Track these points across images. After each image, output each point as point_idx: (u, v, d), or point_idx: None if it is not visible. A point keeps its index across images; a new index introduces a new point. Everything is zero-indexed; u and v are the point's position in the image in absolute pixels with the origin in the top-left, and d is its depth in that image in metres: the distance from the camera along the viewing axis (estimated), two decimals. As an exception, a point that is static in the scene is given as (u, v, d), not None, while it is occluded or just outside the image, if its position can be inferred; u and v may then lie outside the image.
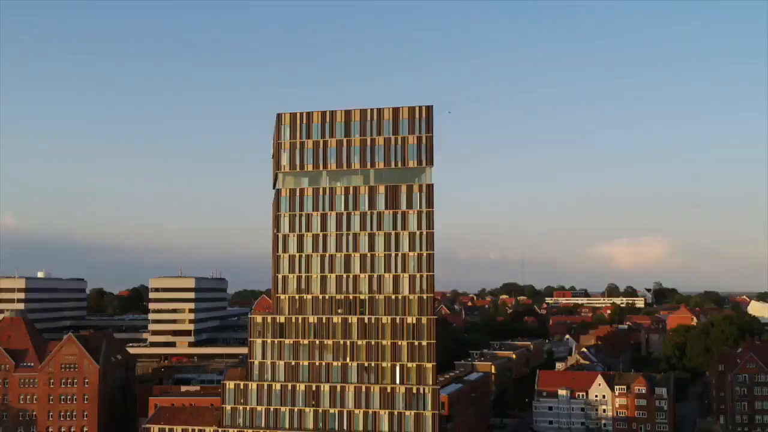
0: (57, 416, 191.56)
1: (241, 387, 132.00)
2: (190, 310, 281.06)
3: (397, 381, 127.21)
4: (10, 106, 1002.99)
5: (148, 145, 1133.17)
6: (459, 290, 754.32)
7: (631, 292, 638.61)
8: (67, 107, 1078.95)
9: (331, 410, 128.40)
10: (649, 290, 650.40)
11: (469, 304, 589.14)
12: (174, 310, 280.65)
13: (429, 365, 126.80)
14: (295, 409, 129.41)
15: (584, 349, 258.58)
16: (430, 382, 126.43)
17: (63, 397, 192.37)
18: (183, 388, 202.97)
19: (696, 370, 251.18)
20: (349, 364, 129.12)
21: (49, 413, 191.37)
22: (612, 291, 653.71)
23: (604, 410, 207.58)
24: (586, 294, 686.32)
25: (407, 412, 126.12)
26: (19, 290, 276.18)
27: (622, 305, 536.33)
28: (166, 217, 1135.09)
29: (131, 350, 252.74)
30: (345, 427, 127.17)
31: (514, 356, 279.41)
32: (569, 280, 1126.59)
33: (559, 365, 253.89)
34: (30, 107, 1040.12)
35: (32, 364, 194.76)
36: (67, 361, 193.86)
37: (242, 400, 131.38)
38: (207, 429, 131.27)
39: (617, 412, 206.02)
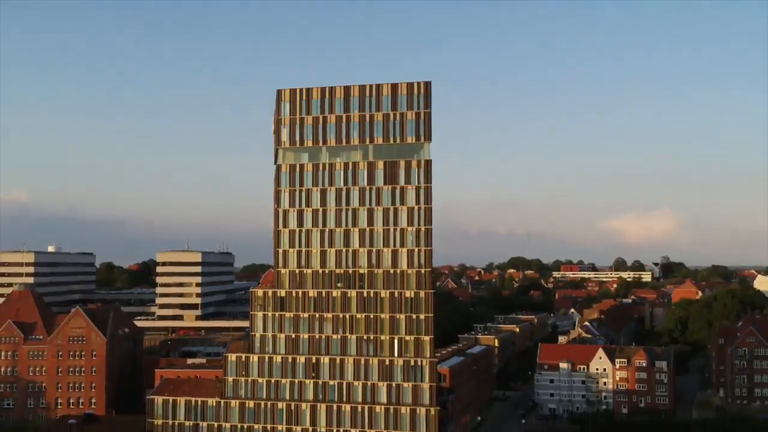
0: (66, 388, 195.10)
1: (243, 359, 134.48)
2: (197, 284, 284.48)
3: (396, 354, 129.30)
4: (22, 82, 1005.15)
5: (159, 121, 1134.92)
6: (467, 264, 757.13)
7: (638, 267, 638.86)
8: (78, 84, 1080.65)
9: (331, 382, 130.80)
10: (656, 264, 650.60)
11: (476, 278, 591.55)
12: (181, 284, 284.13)
13: (427, 338, 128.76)
14: (296, 381, 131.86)
15: (587, 323, 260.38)
16: (428, 355, 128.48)
17: (71, 369, 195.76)
18: (189, 361, 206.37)
19: (698, 344, 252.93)
20: (349, 337, 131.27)
21: (57, 385, 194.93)
22: (619, 265, 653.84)
23: (605, 383, 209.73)
24: (593, 268, 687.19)
25: (405, 384, 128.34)
26: (29, 264, 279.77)
27: (628, 279, 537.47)
28: (176, 192, 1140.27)
29: (139, 323, 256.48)
30: (344, 399, 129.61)
31: (517, 330, 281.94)
32: (578, 254, 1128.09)
33: (562, 339, 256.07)
34: (41, 84, 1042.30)
35: (41, 337, 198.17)
36: (74, 333, 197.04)
37: (244, 372, 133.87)
38: (210, 400, 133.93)
39: (618, 385, 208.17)
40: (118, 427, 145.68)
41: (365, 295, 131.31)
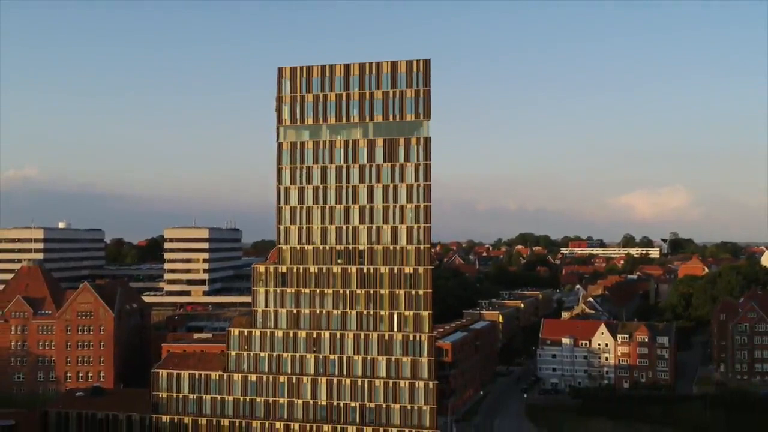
0: (75, 362, 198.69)
1: (246, 334, 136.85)
2: (204, 260, 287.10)
3: (395, 329, 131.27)
4: (32, 60, 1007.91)
5: (169, 98, 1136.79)
6: (475, 240, 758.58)
7: (646, 243, 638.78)
8: (88, 62, 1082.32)
9: (331, 356, 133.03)
10: (665, 240, 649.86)
11: (484, 254, 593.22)
12: (188, 260, 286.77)
13: (425, 314, 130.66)
14: (297, 355, 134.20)
15: (590, 299, 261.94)
16: (427, 330, 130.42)
17: (80, 343, 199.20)
18: (195, 335, 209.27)
19: (701, 320, 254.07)
20: (349, 312, 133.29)
21: (66, 359, 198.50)
22: (628, 241, 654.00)
23: (607, 358, 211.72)
24: (602, 244, 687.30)
25: (404, 359, 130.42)
26: (38, 240, 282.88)
27: (636, 256, 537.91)
28: (187, 168, 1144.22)
29: (147, 299, 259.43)
30: (344, 373, 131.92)
31: (522, 305, 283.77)
32: (588, 230, 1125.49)
33: (565, 314, 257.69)
34: (52, 61, 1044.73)
35: (50, 312, 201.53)
36: (83, 308, 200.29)
37: (246, 347, 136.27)
38: (213, 373, 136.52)
39: (619, 360, 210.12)
40: (124, 399, 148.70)
41: (365, 271, 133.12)
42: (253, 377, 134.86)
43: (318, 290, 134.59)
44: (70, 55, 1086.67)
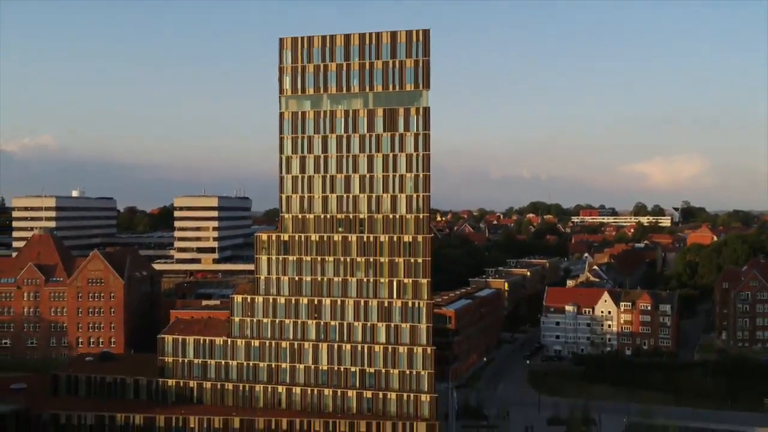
0: (86, 328, 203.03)
1: (249, 300, 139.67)
2: (214, 228, 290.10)
3: (394, 296, 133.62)
4: (49, 28, 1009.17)
5: (182, 68, 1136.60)
6: (487, 209, 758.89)
7: (658, 211, 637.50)
8: (102, 32, 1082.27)
9: (332, 323, 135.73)
10: (676, 209, 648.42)
11: (495, 222, 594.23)
12: (198, 228, 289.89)
13: (424, 281, 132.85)
14: (299, 321, 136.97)
15: (596, 267, 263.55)
16: (425, 297, 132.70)
17: (91, 309, 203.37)
18: (204, 302, 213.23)
19: (706, 288, 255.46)
20: (349, 279, 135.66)
21: (78, 325, 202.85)
22: (639, 210, 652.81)
23: (610, 326, 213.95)
24: (613, 213, 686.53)
25: (403, 325, 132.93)
26: (49, 209, 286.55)
27: (646, 224, 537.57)
28: (201, 137, 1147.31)
29: (158, 266, 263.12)
30: (345, 339, 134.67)
31: (528, 274, 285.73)
32: (602, 199, 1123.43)
33: (570, 282, 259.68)
34: (68, 30, 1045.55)
35: (61, 279, 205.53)
36: (93, 276, 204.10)
37: (249, 313, 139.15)
38: (217, 339, 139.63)
39: (622, 328, 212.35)
40: (132, 364, 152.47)
41: (365, 239, 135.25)
42: (256, 343, 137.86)
43: (319, 258, 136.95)
44: (85, 24, 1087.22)
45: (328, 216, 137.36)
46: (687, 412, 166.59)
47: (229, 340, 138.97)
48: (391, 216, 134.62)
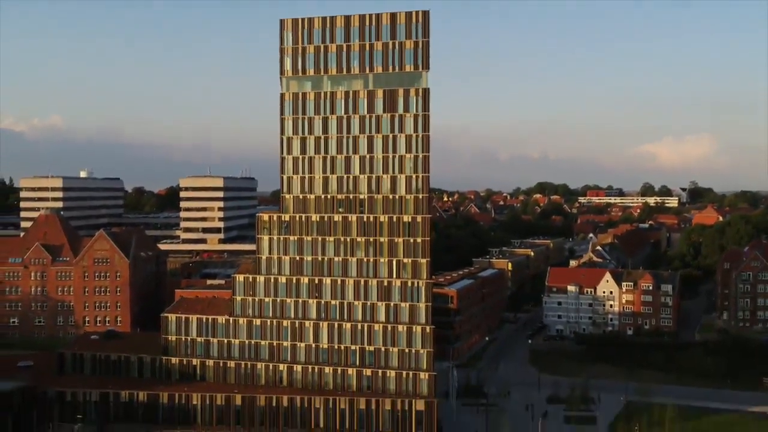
0: (92, 307, 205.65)
1: (251, 280, 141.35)
2: (219, 209, 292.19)
3: (394, 275, 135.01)
4: (59, 9, 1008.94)
5: (191, 48, 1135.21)
6: (494, 189, 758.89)
7: (665, 192, 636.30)
8: (112, 13, 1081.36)
9: (333, 302, 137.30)
10: (684, 189, 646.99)
11: (501, 203, 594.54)
12: (204, 209, 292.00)
13: (423, 261, 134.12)
14: (300, 301, 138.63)
15: (599, 247, 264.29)
16: (424, 277, 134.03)
17: (97, 289, 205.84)
18: (208, 282, 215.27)
19: (709, 269, 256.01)
20: (349, 259, 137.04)
21: (85, 304, 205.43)
22: (646, 190, 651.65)
23: (611, 306, 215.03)
24: (620, 193, 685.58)
25: (403, 304, 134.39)
26: (56, 189, 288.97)
27: (653, 205, 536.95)
28: (210, 118, 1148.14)
29: (164, 246, 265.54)
30: (345, 318, 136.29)
31: (532, 254, 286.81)
32: (611, 179, 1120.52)
33: (573, 263, 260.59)
34: (75, 12, 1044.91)
35: (67, 259, 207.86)
36: (99, 255, 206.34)
37: (251, 292, 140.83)
38: (220, 318, 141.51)
39: (624, 308, 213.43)
40: (136, 342, 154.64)
41: (365, 219, 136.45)
42: (258, 321, 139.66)
43: (320, 238, 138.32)
44: (94, 6, 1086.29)
45: (329, 196, 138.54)
46: (686, 391, 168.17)
47: (231, 319, 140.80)
48: (390, 196, 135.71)
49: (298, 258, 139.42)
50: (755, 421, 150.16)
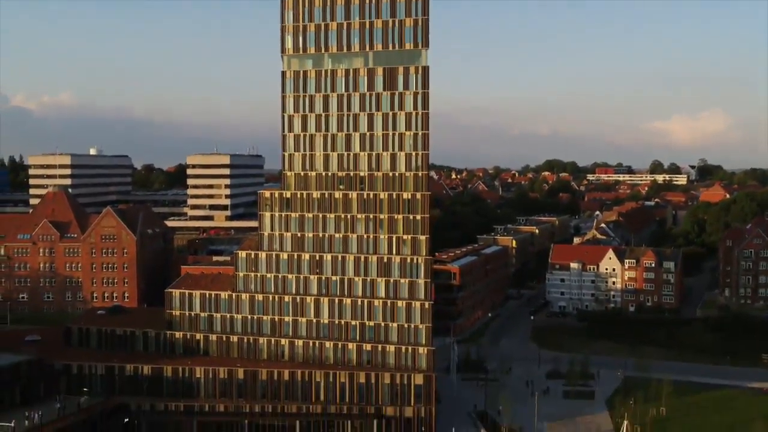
0: (100, 282, 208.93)
1: (253, 256, 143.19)
2: (226, 186, 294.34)
3: (393, 252, 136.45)
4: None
5: (202, 26, 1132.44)
6: (505, 167, 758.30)
7: (674, 169, 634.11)
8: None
9: (333, 278, 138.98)
10: (693, 167, 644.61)
11: (509, 180, 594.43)
12: (210, 186, 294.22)
13: (423, 237, 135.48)
14: (301, 276, 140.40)
15: (603, 225, 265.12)
16: (424, 253, 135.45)
17: (104, 265, 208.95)
18: (214, 258, 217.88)
19: (713, 246, 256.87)
20: (350, 236, 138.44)
21: (92, 280, 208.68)
22: (655, 168, 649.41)
23: (614, 282, 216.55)
24: (630, 171, 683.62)
25: (402, 280, 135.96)
26: (64, 166, 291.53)
27: (661, 182, 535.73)
28: (222, 95, 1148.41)
29: (172, 223, 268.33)
30: (345, 293, 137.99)
31: (536, 231, 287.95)
32: (623, 157, 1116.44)
33: (577, 240, 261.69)
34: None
35: (75, 235, 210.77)
36: (106, 232, 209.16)
37: (253, 268, 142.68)
38: (222, 293, 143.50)
39: (626, 285, 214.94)
40: (141, 317, 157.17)
41: (365, 196, 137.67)
42: (260, 297, 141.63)
43: (321, 215, 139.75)
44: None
45: (329, 174, 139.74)
46: (686, 367, 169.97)
47: (234, 294, 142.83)
48: (390, 174, 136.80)
49: (299, 234, 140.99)
50: (753, 396, 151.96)
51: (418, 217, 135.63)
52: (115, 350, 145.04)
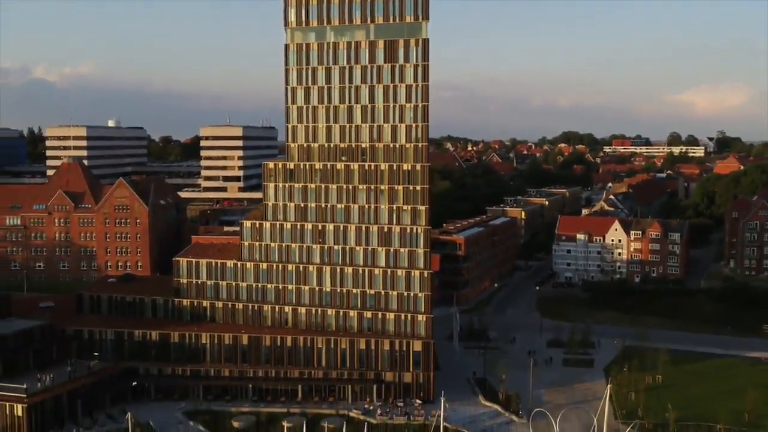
0: (114, 252, 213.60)
1: (257, 226, 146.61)
2: (239, 158, 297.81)
3: (394, 222, 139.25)
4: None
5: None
6: (523, 139, 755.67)
7: (692, 141, 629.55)
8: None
9: (335, 247, 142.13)
10: (711, 139, 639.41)
11: (525, 152, 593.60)
12: (224, 158, 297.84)
13: (422, 208, 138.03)
14: (304, 246, 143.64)
15: (612, 197, 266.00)
16: (423, 223, 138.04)
17: (118, 235, 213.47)
18: (225, 228, 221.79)
19: (722, 218, 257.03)
20: (351, 206, 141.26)
21: (106, 249, 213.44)
22: (673, 140, 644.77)
23: (620, 253, 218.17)
24: (647, 143, 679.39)
25: (402, 250, 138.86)
26: (80, 138, 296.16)
27: (677, 154, 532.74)
28: (239, 66, 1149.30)
29: (186, 194, 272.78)
30: (347, 262, 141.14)
31: (546, 203, 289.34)
32: (644, 129, 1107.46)
33: (585, 211, 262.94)
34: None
35: (89, 206, 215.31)
36: (119, 202, 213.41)
37: (258, 237, 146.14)
38: (228, 262, 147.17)
39: (632, 256, 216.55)
40: (150, 285, 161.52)
41: (366, 167, 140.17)
42: (264, 265, 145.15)
43: (323, 185, 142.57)
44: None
45: (332, 145, 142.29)
46: (687, 336, 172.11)
47: (239, 263, 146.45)
48: (391, 145, 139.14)
49: (302, 205, 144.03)
50: (751, 366, 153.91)
51: (418, 187, 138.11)
52: (125, 317, 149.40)
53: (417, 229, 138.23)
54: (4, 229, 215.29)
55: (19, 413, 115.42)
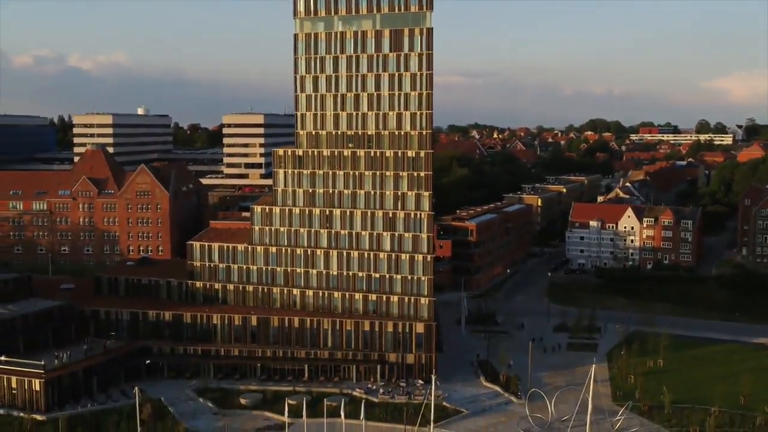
0: (136, 236, 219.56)
1: (267, 211, 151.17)
2: (261, 145, 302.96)
3: (399, 207, 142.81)
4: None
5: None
6: (552, 126, 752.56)
7: (720, 129, 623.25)
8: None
9: (342, 232, 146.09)
10: (740, 126, 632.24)
11: (549, 140, 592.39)
12: (246, 145, 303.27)
13: (426, 194, 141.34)
14: (312, 230, 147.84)
15: (628, 184, 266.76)
16: (427, 209, 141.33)
17: (140, 220, 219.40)
18: (243, 214, 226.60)
19: (738, 206, 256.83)
20: (358, 192, 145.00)
21: (129, 234, 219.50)
22: (701, 128, 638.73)
23: (632, 240, 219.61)
24: (675, 130, 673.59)
25: (406, 234, 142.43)
26: (103, 126, 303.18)
27: (703, 142, 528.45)
28: (267, 54, 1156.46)
29: (208, 181, 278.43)
30: (353, 246, 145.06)
31: (564, 190, 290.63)
32: (676, 116, 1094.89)
33: (600, 199, 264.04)
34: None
35: (112, 191, 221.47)
36: (141, 188, 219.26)
37: (268, 222, 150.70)
38: (239, 246, 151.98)
39: (644, 243, 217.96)
40: (166, 268, 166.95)
41: (372, 154, 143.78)
42: (274, 249, 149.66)
43: (330, 172, 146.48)
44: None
45: (339, 132, 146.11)
46: (694, 323, 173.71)
47: (250, 247, 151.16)
48: (396, 132, 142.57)
49: (310, 190, 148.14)
50: (755, 351, 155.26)
51: (422, 174, 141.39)
52: (141, 298, 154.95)
53: (420, 214, 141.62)
54: (31, 214, 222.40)
55: (37, 388, 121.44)
